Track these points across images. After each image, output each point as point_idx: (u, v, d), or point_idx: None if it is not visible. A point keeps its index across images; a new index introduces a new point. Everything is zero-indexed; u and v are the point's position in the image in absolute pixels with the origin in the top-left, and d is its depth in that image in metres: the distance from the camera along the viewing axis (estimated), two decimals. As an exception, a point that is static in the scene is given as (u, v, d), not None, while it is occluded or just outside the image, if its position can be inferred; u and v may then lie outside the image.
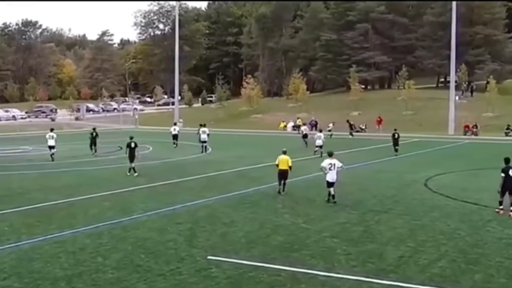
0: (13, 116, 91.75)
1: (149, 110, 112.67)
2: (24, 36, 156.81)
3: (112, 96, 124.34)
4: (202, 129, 44.00)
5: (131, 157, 30.26)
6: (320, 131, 42.90)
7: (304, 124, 58.45)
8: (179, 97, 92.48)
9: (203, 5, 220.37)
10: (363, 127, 68.29)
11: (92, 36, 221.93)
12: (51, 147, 37.67)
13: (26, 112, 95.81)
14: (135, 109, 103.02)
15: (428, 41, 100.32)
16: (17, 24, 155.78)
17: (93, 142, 41.06)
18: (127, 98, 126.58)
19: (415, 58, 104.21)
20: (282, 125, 75.44)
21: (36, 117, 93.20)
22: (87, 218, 19.32)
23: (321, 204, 21.93)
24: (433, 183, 27.40)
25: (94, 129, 42.43)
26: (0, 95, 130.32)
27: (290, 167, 24.19)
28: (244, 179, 28.97)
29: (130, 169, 30.26)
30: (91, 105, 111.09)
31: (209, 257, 14.63)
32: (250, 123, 77.70)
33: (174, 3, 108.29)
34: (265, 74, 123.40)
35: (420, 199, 23.08)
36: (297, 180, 27.98)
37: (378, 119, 67.24)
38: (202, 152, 42.38)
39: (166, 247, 15.69)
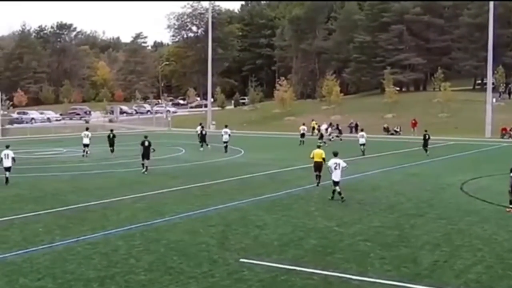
0: (48, 118, 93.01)
1: (182, 112, 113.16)
2: (59, 39, 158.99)
3: (145, 98, 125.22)
4: (224, 129, 45.10)
5: (145, 155, 31.85)
6: (362, 130, 45.25)
7: (319, 126, 60.14)
8: (212, 99, 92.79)
9: (236, 7, 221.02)
10: (398, 130, 67.66)
11: (126, 38, 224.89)
12: (85, 145, 40.88)
13: (60, 114, 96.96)
14: (168, 111, 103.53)
15: (464, 43, 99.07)
16: (52, 27, 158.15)
17: (111, 143, 42.25)
18: (160, 100, 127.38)
19: (451, 60, 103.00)
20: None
21: (71, 119, 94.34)
22: (120, 220, 19.38)
23: (354, 207, 21.68)
24: (469, 186, 26.92)
25: (111, 130, 43.89)
26: (35, 97, 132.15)
27: (323, 159, 25.82)
28: (277, 181, 28.82)
29: (143, 165, 31.85)
30: (124, 107, 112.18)
31: (241, 260, 14.52)
32: (283, 126, 77.53)
33: (207, 5, 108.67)
34: (298, 76, 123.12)
35: (456, 203, 22.67)
36: (329, 183, 27.67)
37: (413, 121, 66.52)
38: (225, 152, 43.17)
39: (198, 249, 15.63)
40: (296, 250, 15.63)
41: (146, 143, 32.18)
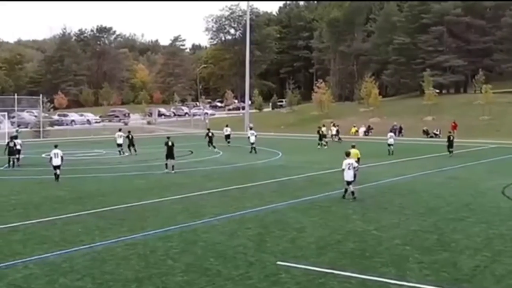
0: (88, 120, 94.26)
1: (219, 114, 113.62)
2: (99, 42, 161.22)
3: (183, 101, 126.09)
4: (250, 131, 46.92)
5: (169, 155, 33.42)
6: (391, 131, 47.24)
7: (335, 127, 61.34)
8: (250, 102, 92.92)
9: (274, 10, 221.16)
10: (437, 132, 66.83)
11: (164, 41, 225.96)
12: (119, 145, 44.72)
13: (100, 116, 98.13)
14: (206, 113, 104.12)
15: (506, 44, 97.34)
16: (92, 30, 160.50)
17: (131, 143, 45.17)
18: (198, 103, 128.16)
19: (493, 62, 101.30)
20: (353, 130, 74.62)
21: (110, 121, 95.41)
22: (158, 221, 19.51)
23: (393, 211, 21.45)
24: (511, 191, 26.41)
25: (129, 132, 46.88)
26: (75, 100, 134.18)
27: (358, 159, 27.62)
28: (314, 184, 28.71)
29: (166, 165, 33.38)
30: (162, 110, 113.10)
31: (278, 263, 14.48)
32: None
33: (245, 7, 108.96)
34: (336, 78, 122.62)
35: (497, 207, 22.25)
36: (367, 186, 27.56)
37: (453, 124, 65.62)
38: (254, 153, 44.89)
39: (236, 251, 15.64)
40: (333, 253, 15.53)
41: (170, 143, 33.52)
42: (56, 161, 29.68)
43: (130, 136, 45.30)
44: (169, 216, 20.30)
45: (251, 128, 48.33)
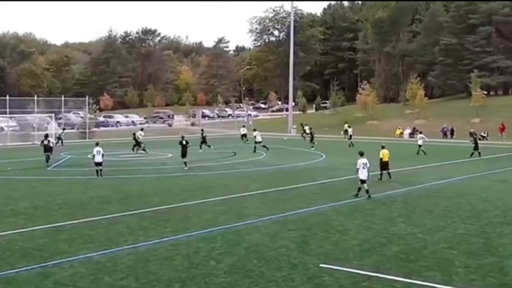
0: (133, 122, 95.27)
1: (263, 116, 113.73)
2: (143, 44, 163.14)
3: (227, 102, 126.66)
4: (255, 132, 50.21)
5: (184, 154, 36.19)
6: (420, 132, 48.20)
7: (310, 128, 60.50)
8: (293, 103, 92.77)
9: (319, 11, 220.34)
10: (485, 135, 65.58)
11: (208, 43, 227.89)
12: (138, 143, 47.74)
13: (144, 118, 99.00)
14: (249, 115, 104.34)
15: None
16: (137, 33, 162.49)
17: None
18: (241, 104, 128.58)
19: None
20: (398, 132, 73.80)
21: (154, 122, 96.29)
22: (201, 222, 19.59)
23: (438, 214, 21.10)
24: (561, 194, 25.74)
25: (134, 134, 49.30)
26: (120, 101, 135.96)
27: (388, 158, 29.68)
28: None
29: (185, 163, 35.74)
30: (206, 111, 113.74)
31: (321, 265, 14.38)
32: (365, 130, 76.52)
33: (289, 9, 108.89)
34: (381, 79, 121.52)
35: (546, 211, 21.69)
36: (412, 188, 27.24)
37: (501, 126, 64.36)
38: (254, 152, 47.13)
39: (278, 253, 15.58)
40: (377, 257, 15.35)
41: (184, 142, 36.54)
42: (98, 158, 31.54)
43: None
44: (212, 217, 20.36)
45: (254, 130, 51.67)
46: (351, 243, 16.73)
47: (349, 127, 61.89)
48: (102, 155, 32.05)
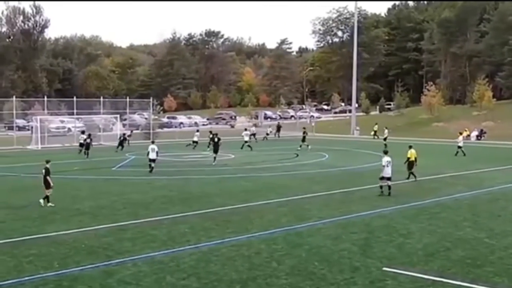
0: (196, 123, 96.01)
1: (325, 117, 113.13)
2: (207, 46, 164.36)
3: (289, 104, 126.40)
4: (245, 132, 53.88)
5: (215, 150, 39.01)
6: (460, 134, 48.07)
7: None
8: (357, 105, 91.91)
9: (383, 11, 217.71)
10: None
11: (271, 44, 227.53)
12: (195, 142, 52.18)
13: (207, 119, 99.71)
14: (312, 116, 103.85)
15: None
16: (201, 35, 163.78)
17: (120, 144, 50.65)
18: (304, 106, 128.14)
19: None
20: (465, 133, 72.00)
21: (217, 123, 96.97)
22: (263, 223, 19.56)
23: (506, 218, 20.48)
24: None
25: (124, 134, 53.25)
26: (184, 103, 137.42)
27: (415, 159, 30.71)
28: (423, 189, 27.91)
29: (214, 158, 38.47)
30: (269, 112, 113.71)
31: (384, 269, 14.14)
32: (430, 132, 75.08)
33: (353, 10, 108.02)
34: (447, 80, 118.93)
35: None
36: (479, 192, 26.59)
37: None
38: (241, 148, 50.34)
39: (340, 255, 15.41)
40: (442, 261, 14.98)
41: (216, 139, 40.24)
42: (153, 155, 33.81)
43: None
44: (273, 219, 20.31)
45: (246, 129, 55.49)
46: (415, 246, 16.41)
47: (385, 128, 61.19)
48: (157, 152, 34.08)
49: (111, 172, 34.93)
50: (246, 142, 51.92)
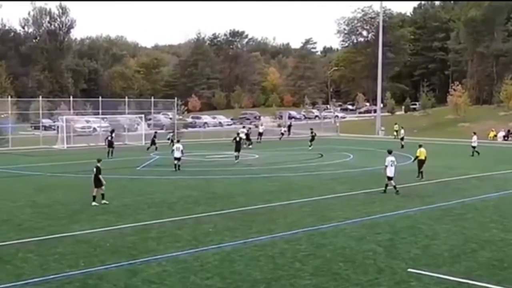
0: (220, 123, 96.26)
1: (350, 117, 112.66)
2: (231, 46, 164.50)
3: (313, 104, 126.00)
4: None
5: (237, 149, 40.52)
6: (475, 134, 47.27)
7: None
8: (382, 105, 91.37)
9: (409, 10, 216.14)
10: None
11: (296, 44, 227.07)
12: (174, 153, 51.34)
13: (231, 119, 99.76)
14: (336, 116, 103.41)
15: None
16: (225, 35, 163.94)
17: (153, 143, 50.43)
18: (328, 106, 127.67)
19: None
20: (491, 134, 71.28)
21: (241, 123, 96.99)
22: (287, 223, 19.52)
23: (535, 220, 20.18)
24: None
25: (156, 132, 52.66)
26: (208, 103, 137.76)
27: (425, 157, 30.99)
28: (448, 190, 27.64)
29: (236, 157, 39.94)
30: (293, 112, 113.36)
31: (409, 270, 14.04)
32: (456, 132, 74.35)
33: (378, 9, 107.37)
34: (474, 80, 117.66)
35: None
36: (506, 193, 26.28)
37: None
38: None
39: (365, 256, 15.32)
40: (468, 263, 14.83)
41: (238, 139, 41.37)
42: (177, 154, 35.04)
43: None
44: (297, 219, 20.26)
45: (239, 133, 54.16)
46: (440, 248, 16.26)
47: (401, 128, 60.75)
48: (182, 151, 35.36)
49: (136, 172, 35.13)
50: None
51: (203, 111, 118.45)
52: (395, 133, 66.91)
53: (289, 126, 77.27)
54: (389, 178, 25.88)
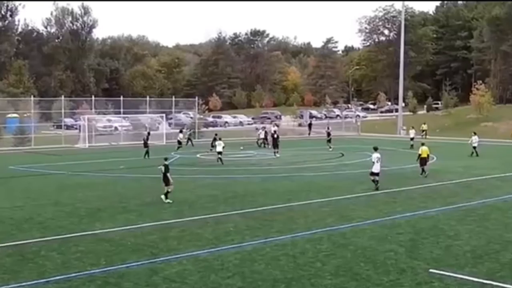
0: (240, 122, 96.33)
1: (371, 117, 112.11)
2: (252, 45, 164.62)
3: (335, 103, 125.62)
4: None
5: (275, 145, 43.53)
6: (475, 133, 46.89)
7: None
8: (403, 104, 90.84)
9: (431, 9, 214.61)
10: None
11: (317, 43, 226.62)
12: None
13: (252, 118, 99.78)
14: (358, 116, 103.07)
15: None
16: (246, 34, 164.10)
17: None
18: (349, 105, 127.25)
19: None
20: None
21: (262, 123, 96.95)
22: (307, 223, 19.48)
23: (559, 221, 19.92)
24: None
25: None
26: (228, 102, 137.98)
27: (428, 156, 31.95)
28: (471, 190, 27.38)
29: (275, 153, 43.06)
30: (314, 112, 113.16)
31: (431, 270, 13.93)
32: (479, 132, 72.68)
33: (400, 8, 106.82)
34: (497, 79, 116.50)
35: None
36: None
37: None
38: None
39: (386, 257, 15.23)
40: (491, 264, 14.67)
41: (275, 136, 44.92)
42: (219, 148, 38.56)
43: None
44: (317, 219, 20.21)
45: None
46: (463, 249, 16.11)
47: (412, 127, 58.54)
48: (223, 147, 38.83)
49: (157, 171, 35.19)
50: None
51: (224, 110, 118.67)
52: (423, 133, 66.09)
53: (310, 125, 77.00)
54: (376, 174, 26.84)
